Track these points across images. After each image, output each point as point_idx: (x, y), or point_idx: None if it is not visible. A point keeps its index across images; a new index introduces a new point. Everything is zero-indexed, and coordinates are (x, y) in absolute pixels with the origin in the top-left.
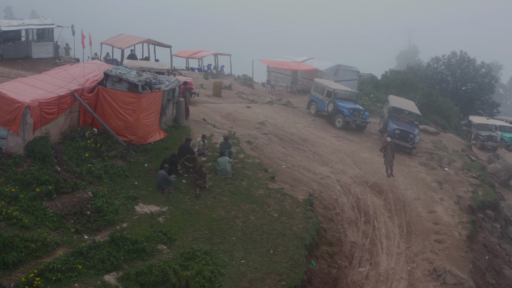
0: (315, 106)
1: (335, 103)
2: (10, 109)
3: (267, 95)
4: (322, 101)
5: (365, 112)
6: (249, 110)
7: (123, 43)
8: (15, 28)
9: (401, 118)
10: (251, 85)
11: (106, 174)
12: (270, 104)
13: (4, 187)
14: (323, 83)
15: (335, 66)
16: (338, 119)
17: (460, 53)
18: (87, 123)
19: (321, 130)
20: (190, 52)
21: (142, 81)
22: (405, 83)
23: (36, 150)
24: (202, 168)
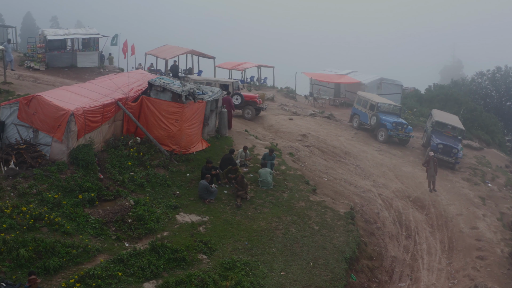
0: (357, 119)
1: (378, 116)
2: (55, 117)
3: (309, 108)
4: (365, 114)
5: (408, 126)
6: (291, 122)
7: (167, 54)
8: (61, 37)
9: (444, 132)
10: (294, 97)
11: (148, 183)
12: (313, 117)
13: (47, 193)
14: (366, 96)
15: (379, 79)
16: (381, 132)
17: (505, 68)
18: (131, 132)
19: (364, 144)
20: (233, 63)
21: (186, 91)
22: (449, 98)
23: (79, 157)
24: (243, 179)
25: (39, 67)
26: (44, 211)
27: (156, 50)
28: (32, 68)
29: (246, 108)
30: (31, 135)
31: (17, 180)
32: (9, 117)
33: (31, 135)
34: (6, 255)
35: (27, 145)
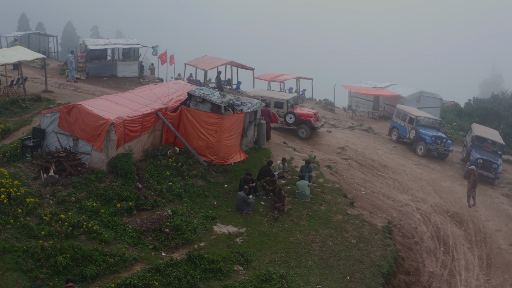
0: (396, 133)
1: (417, 130)
2: (95, 126)
3: (348, 120)
4: (404, 127)
5: (447, 140)
6: (329, 134)
7: (206, 65)
8: (102, 47)
9: (484, 147)
10: (332, 109)
11: (186, 193)
12: (351, 129)
13: (86, 201)
14: (405, 110)
15: (418, 92)
16: (420, 146)
17: None
18: (169, 142)
19: (402, 157)
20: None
21: (225, 102)
22: (489, 112)
23: (118, 166)
24: (281, 191)
25: (79, 76)
26: (82, 219)
27: (196, 61)
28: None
29: (300, 127)
30: (71, 144)
31: (56, 188)
32: (50, 125)
33: (71, 144)
34: (44, 262)
35: (67, 153)
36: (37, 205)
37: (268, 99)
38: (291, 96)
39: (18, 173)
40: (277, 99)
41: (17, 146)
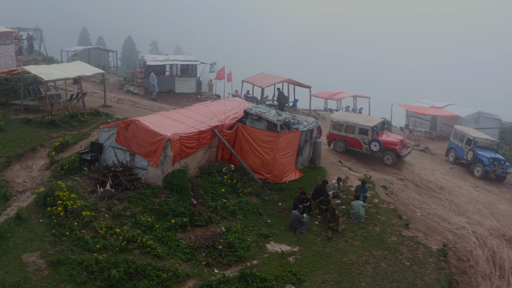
0: (453, 154)
1: (474, 151)
2: (152, 141)
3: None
4: (461, 148)
5: (505, 162)
6: None
7: (263, 82)
8: (160, 63)
9: None
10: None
11: (240, 210)
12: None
13: (141, 216)
14: (463, 130)
15: (476, 113)
16: (477, 168)
17: None
18: (225, 159)
19: (459, 179)
20: (329, 93)
21: (281, 120)
22: None
23: (174, 182)
24: (335, 211)
25: (137, 91)
26: (137, 234)
27: (253, 78)
28: (131, 92)
29: (386, 154)
30: (127, 158)
31: (112, 202)
32: (108, 140)
33: (128, 158)
34: (97, 274)
35: (123, 168)
36: (93, 219)
37: (353, 125)
38: (377, 122)
39: (75, 186)
40: (362, 126)
41: (75, 159)
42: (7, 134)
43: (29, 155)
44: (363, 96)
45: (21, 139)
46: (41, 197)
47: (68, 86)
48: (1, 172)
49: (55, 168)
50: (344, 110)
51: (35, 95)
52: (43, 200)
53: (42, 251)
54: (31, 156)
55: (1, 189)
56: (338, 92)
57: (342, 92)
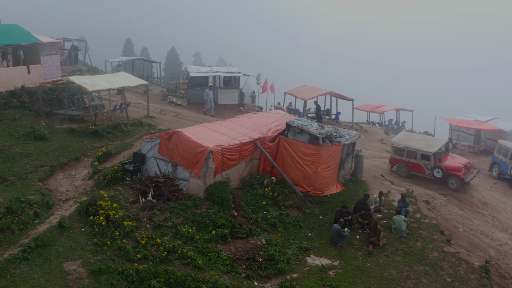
0: (497, 169)
1: None
2: (194, 153)
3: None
4: (505, 164)
5: None
6: None
7: (305, 94)
8: (203, 74)
9: None
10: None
11: (281, 223)
12: None
13: (182, 227)
14: (507, 145)
15: None
16: None
17: None
18: (266, 171)
19: (503, 194)
20: (371, 106)
21: (323, 133)
22: None
23: (215, 193)
24: (377, 225)
25: (180, 103)
26: (177, 244)
27: (295, 90)
28: (174, 103)
29: (450, 179)
30: (169, 169)
31: (153, 212)
32: (150, 151)
33: (170, 169)
34: (138, 284)
35: (165, 178)
36: (134, 229)
37: (414, 150)
38: (439, 146)
39: (117, 196)
40: (424, 151)
41: (118, 169)
42: (51, 143)
43: (73, 165)
44: (406, 109)
45: (65, 148)
46: (83, 206)
47: (112, 97)
48: (45, 180)
49: (97, 178)
50: (387, 124)
51: (79, 105)
52: (86, 209)
53: (83, 260)
54: (74, 166)
55: (45, 197)
56: (380, 105)
57: (384, 105)
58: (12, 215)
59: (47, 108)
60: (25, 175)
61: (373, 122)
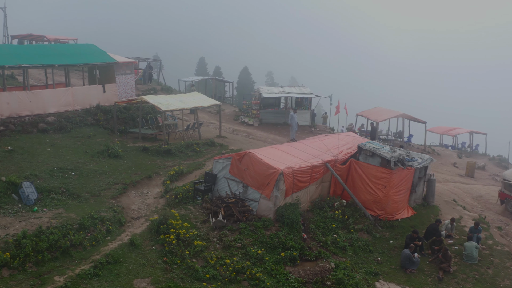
0: None
1: None
2: (265, 174)
3: None
4: None
5: None
6: None
7: (378, 116)
8: (276, 95)
9: None
10: (506, 167)
11: (351, 247)
12: None
13: (251, 248)
14: None
15: None
16: None
17: None
18: (337, 194)
19: None
20: (444, 128)
21: (395, 157)
22: None
23: (285, 215)
24: (447, 252)
25: (252, 123)
26: (246, 265)
27: (368, 112)
28: (246, 123)
29: None
30: (240, 190)
31: (223, 233)
32: (221, 171)
33: (241, 190)
34: None
35: (236, 199)
36: (204, 248)
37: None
38: None
39: (188, 215)
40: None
41: (189, 188)
42: (125, 161)
43: (145, 183)
44: (479, 133)
45: (137, 166)
46: (154, 224)
47: (184, 116)
48: (117, 198)
49: (169, 197)
50: (460, 147)
51: (152, 124)
52: (157, 227)
53: (153, 278)
54: (146, 184)
55: (117, 215)
56: (453, 128)
57: (457, 127)
58: (84, 231)
59: (121, 127)
60: (99, 192)
61: (446, 145)
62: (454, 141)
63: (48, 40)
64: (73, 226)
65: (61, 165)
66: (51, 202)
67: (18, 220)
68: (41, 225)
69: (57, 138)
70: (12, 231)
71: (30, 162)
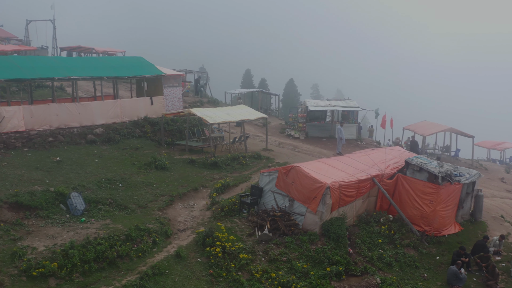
0: None
1: None
2: (311, 188)
3: None
4: None
5: None
6: None
7: (425, 130)
8: (322, 108)
9: None
10: None
11: (397, 262)
12: None
13: (297, 262)
14: None
15: None
16: None
17: None
18: (383, 209)
19: None
20: (492, 142)
21: (443, 172)
22: None
23: (331, 230)
24: (495, 269)
25: (298, 136)
26: (291, 279)
27: (414, 126)
28: (292, 136)
29: None
30: (286, 204)
31: (269, 246)
32: (268, 184)
33: (287, 204)
34: None
35: (282, 213)
36: (249, 261)
37: None
38: None
39: (234, 228)
40: None
41: (235, 201)
42: (171, 173)
43: (191, 195)
44: None
45: (184, 178)
46: (200, 237)
47: (231, 128)
48: (164, 210)
49: (215, 209)
50: (508, 161)
51: (199, 136)
52: (203, 240)
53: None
54: (193, 196)
55: (163, 226)
56: (501, 142)
57: (506, 142)
58: (131, 242)
59: (168, 139)
60: (145, 204)
61: (494, 160)
62: (502, 155)
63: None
64: (120, 237)
65: (109, 176)
66: (98, 213)
67: (66, 230)
68: (88, 236)
69: (105, 150)
70: (59, 241)
71: (78, 173)
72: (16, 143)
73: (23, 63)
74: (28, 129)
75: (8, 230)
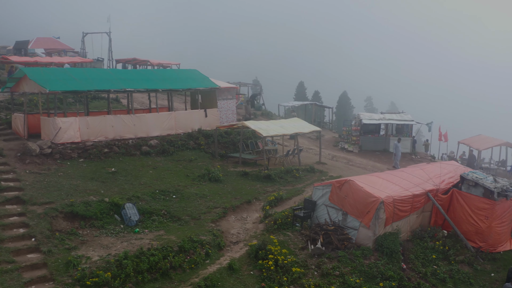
0: None
1: None
2: (365, 202)
3: None
4: None
5: None
6: None
7: (480, 144)
8: (376, 122)
9: None
10: None
11: (451, 279)
12: None
13: (350, 277)
14: None
15: None
16: None
17: None
18: (438, 224)
19: None
20: None
21: (499, 187)
22: None
23: (385, 245)
24: None
25: (352, 149)
26: None
27: (469, 140)
28: (346, 149)
29: None
30: (340, 218)
31: (321, 260)
32: (321, 198)
33: (340, 218)
34: None
35: (335, 227)
36: (302, 275)
37: None
38: None
39: (287, 241)
40: None
41: (288, 214)
42: (225, 186)
43: (244, 207)
44: None
45: (237, 191)
46: (253, 249)
47: (284, 141)
48: (217, 222)
49: (268, 222)
50: None
51: (253, 149)
52: (255, 252)
53: None
54: (246, 209)
55: (216, 238)
56: None
57: None
58: (184, 254)
59: (222, 151)
60: (199, 216)
61: None
62: None
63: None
64: (173, 249)
65: (163, 187)
66: (152, 224)
67: (119, 240)
68: (142, 246)
69: (159, 161)
70: (113, 251)
71: (133, 184)
72: (72, 154)
73: (80, 75)
74: (84, 140)
75: (63, 240)
